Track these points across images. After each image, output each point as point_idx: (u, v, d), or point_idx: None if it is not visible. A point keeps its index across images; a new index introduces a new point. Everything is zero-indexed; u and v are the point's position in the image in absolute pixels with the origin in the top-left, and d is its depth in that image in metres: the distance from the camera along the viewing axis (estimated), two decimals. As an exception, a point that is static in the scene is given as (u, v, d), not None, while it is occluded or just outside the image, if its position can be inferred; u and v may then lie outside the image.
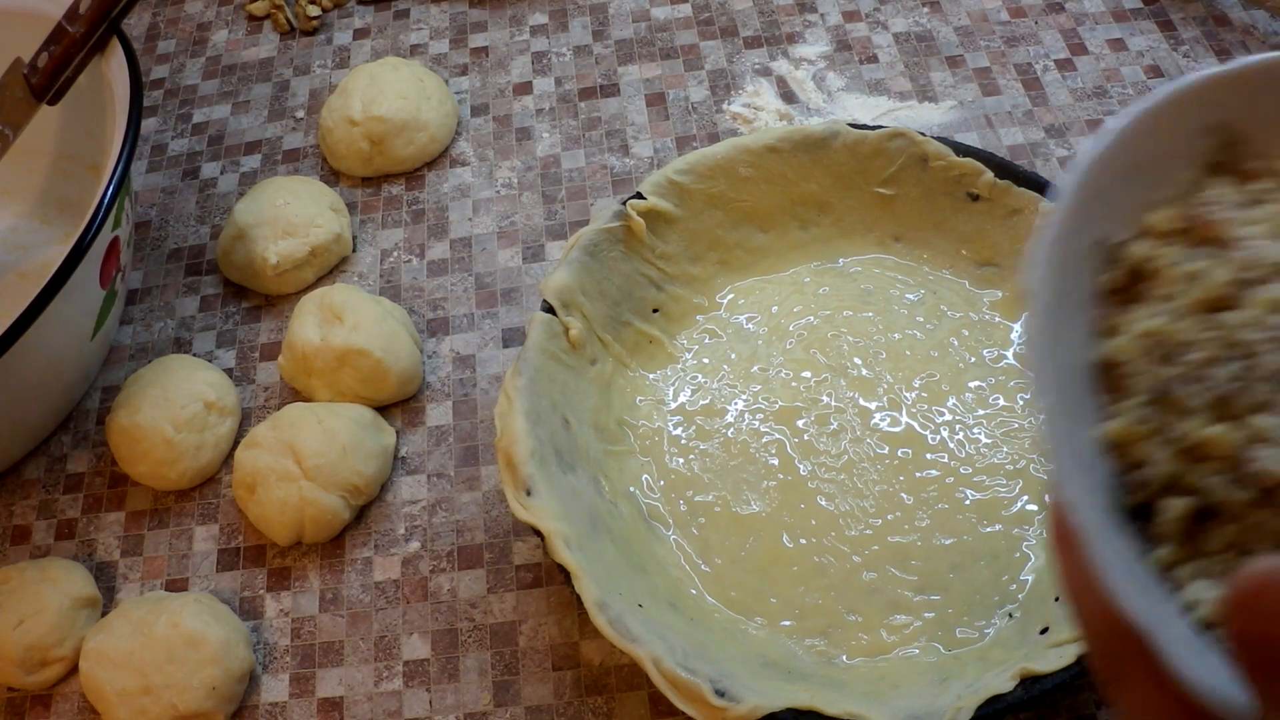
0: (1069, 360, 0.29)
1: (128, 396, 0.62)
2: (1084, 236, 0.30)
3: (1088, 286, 0.30)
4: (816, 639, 0.52)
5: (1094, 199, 0.30)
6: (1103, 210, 0.31)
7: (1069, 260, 0.29)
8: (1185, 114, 0.31)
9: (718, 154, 0.62)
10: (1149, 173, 0.31)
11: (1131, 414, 0.28)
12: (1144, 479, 0.28)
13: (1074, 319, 0.30)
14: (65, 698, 0.57)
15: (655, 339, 0.62)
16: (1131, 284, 0.30)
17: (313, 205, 0.69)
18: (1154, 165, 0.31)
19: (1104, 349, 0.29)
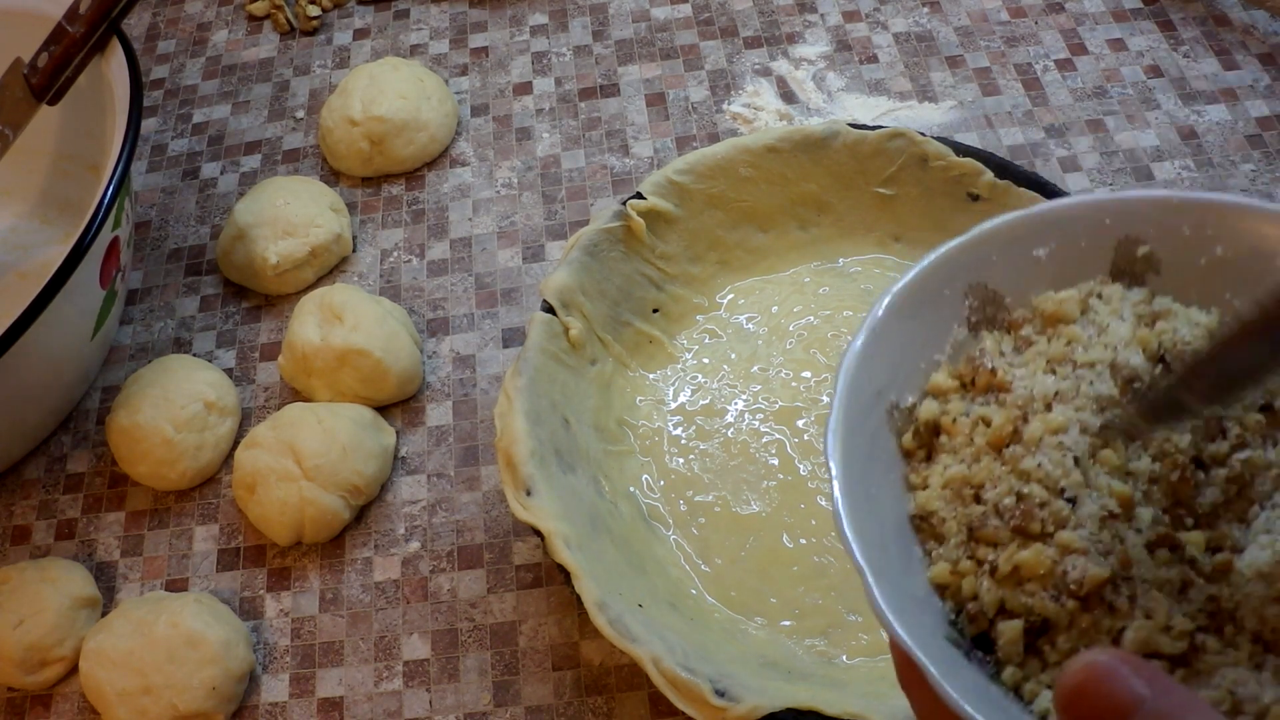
0: (889, 516, 0.33)
1: (128, 396, 0.62)
2: (879, 403, 0.34)
3: (892, 447, 0.34)
4: (816, 639, 0.52)
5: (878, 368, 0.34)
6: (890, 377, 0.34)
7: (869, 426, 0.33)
8: (942, 280, 0.35)
9: (718, 154, 0.62)
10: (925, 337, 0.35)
11: (950, 556, 0.32)
12: (978, 610, 0.31)
13: (885, 478, 0.33)
14: (65, 698, 0.57)
15: (655, 339, 0.62)
16: (931, 439, 0.34)
17: (313, 205, 0.69)
18: (928, 330, 0.35)
19: (913, 503, 0.33)
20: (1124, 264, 0.36)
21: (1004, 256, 0.36)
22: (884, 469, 0.34)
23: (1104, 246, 0.36)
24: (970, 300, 0.36)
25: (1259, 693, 0.28)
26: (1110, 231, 0.36)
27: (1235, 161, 0.68)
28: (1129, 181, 0.68)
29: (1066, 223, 0.36)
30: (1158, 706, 0.23)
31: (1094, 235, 0.36)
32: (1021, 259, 0.36)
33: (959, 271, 0.36)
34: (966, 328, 0.36)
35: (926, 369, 0.36)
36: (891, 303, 0.35)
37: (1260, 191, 0.67)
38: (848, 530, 0.30)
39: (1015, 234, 0.36)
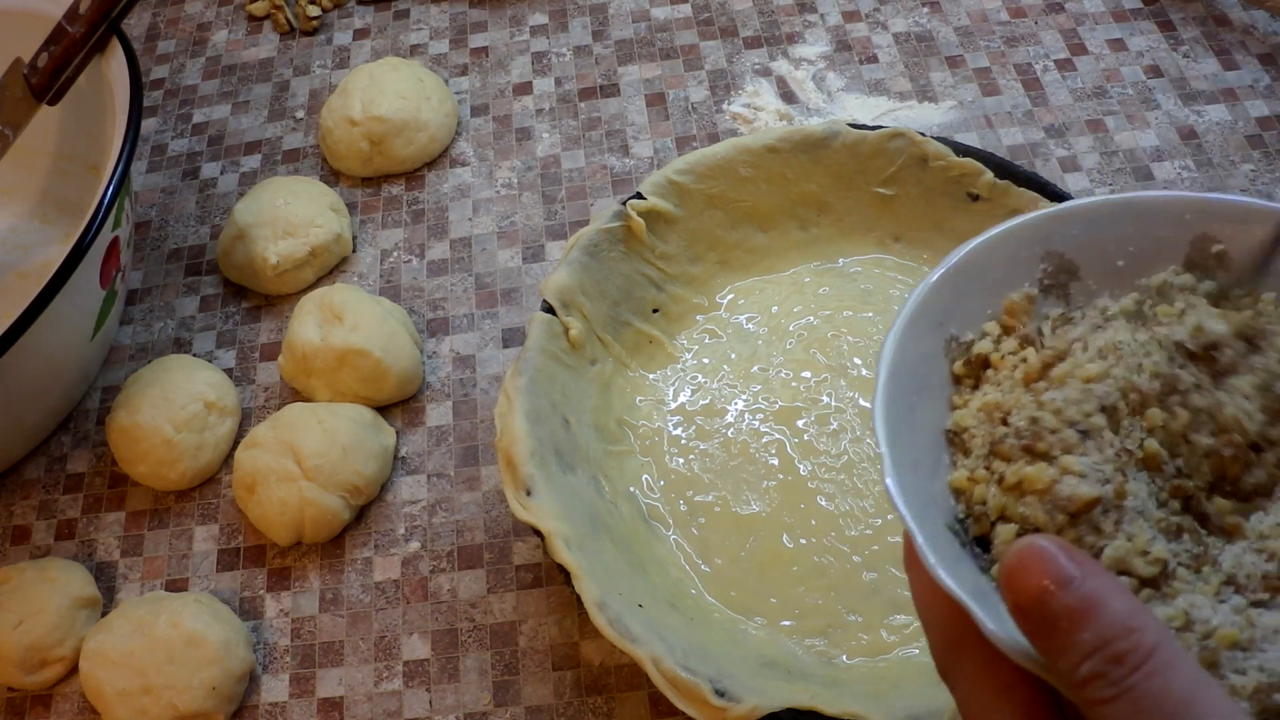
0: (927, 426, 0.37)
1: (128, 396, 0.62)
2: (941, 331, 0.38)
3: (944, 371, 0.38)
4: (816, 639, 0.52)
5: (950, 302, 0.38)
6: (956, 312, 0.38)
7: (926, 347, 0.37)
8: (1027, 241, 0.39)
9: (718, 154, 0.62)
10: (996, 287, 0.39)
11: (970, 465, 0.35)
12: (982, 513, 0.34)
13: (931, 394, 0.37)
14: (65, 698, 0.57)
15: (655, 339, 0.62)
16: (980, 371, 0.38)
17: (313, 205, 0.69)
18: (1000, 281, 0.39)
19: (951, 419, 0.37)
20: (1197, 258, 0.39)
21: (1086, 233, 0.39)
22: (932, 387, 0.37)
23: (1181, 240, 0.39)
24: (1046, 265, 0.39)
25: (1210, 616, 0.30)
26: (1189, 227, 0.39)
27: (1235, 161, 0.68)
28: (1129, 182, 0.68)
29: (1150, 213, 0.39)
30: (1084, 586, 0.26)
31: (1173, 228, 0.39)
32: (1102, 238, 0.39)
33: (1041, 238, 0.39)
34: (1038, 288, 0.39)
35: (992, 314, 0.39)
36: (974, 249, 0.38)
37: (1260, 192, 0.67)
38: (879, 419, 0.34)
39: (1101, 214, 0.39)
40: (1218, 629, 0.30)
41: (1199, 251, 0.39)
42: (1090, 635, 0.26)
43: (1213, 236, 0.39)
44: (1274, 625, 0.30)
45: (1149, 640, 0.26)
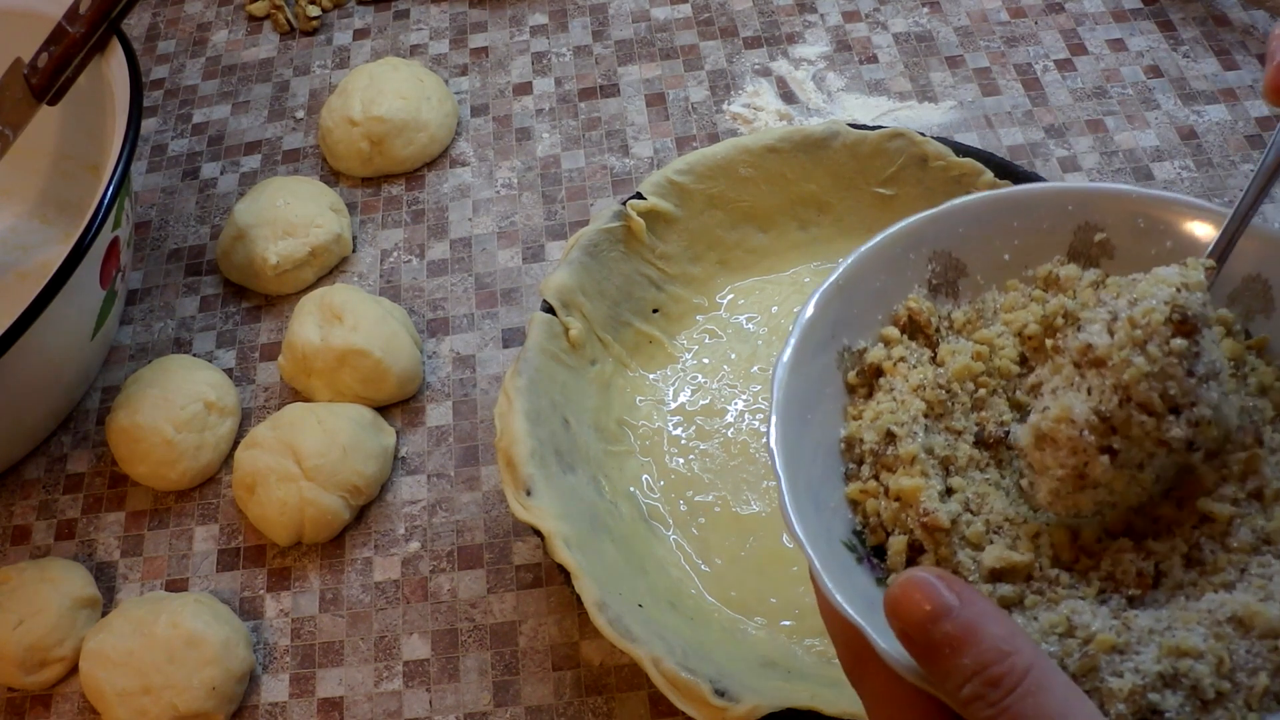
0: (823, 438, 0.37)
1: (128, 397, 0.62)
2: (833, 344, 0.39)
3: (838, 382, 0.39)
4: (816, 639, 0.52)
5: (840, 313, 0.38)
6: (847, 323, 0.39)
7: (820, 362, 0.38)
8: (913, 243, 0.40)
9: (718, 154, 0.62)
10: (886, 292, 0.40)
11: (863, 476, 0.37)
12: (877, 524, 0.36)
13: (826, 407, 0.38)
14: (65, 698, 0.57)
15: (655, 339, 0.62)
16: (873, 379, 0.39)
17: (313, 205, 0.69)
18: (889, 286, 0.40)
19: (845, 430, 0.38)
20: (1081, 247, 0.40)
21: (970, 230, 0.40)
22: (827, 400, 0.38)
23: (1064, 230, 0.40)
24: (934, 265, 0.40)
25: (1090, 621, 0.31)
26: (1071, 217, 0.40)
27: (1235, 161, 0.68)
28: (1129, 182, 0.68)
29: (1032, 205, 0.40)
30: (962, 614, 0.28)
31: (1056, 219, 0.40)
32: (986, 234, 0.40)
33: (927, 238, 0.40)
34: (927, 289, 0.40)
35: (882, 320, 0.40)
36: (859, 259, 0.39)
37: (1260, 191, 0.67)
38: (774, 440, 0.35)
39: (983, 210, 0.40)
40: (1096, 635, 0.31)
41: (1082, 241, 0.40)
42: (969, 660, 0.28)
43: (1095, 225, 0.39)
44: (1148, 626, 0.31)
45: (1023, 663, 0.28)
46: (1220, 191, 0.67)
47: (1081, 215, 0.40)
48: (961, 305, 0.40)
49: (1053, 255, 0.40)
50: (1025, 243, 0.40)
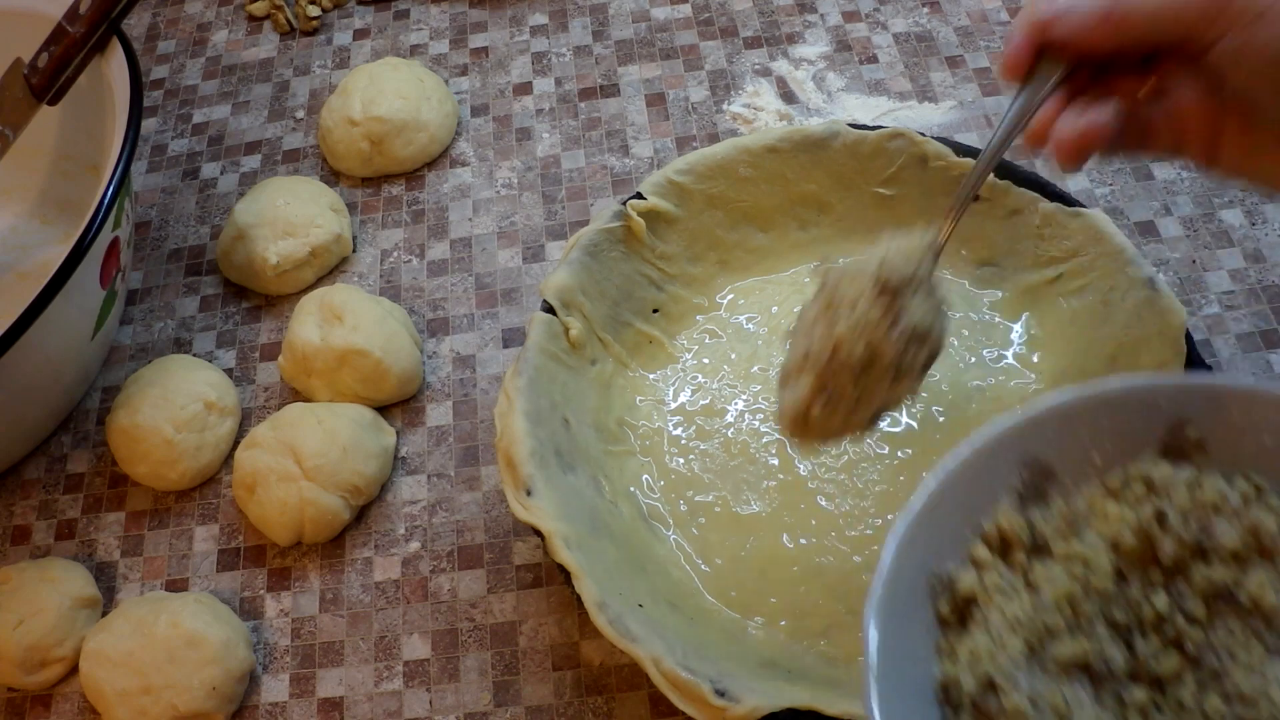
0: (919, 679, 0.36)
1: (128, 396, 0.62)
2: (923, 572, 0.37)
3: (929, 614, 0.37)
4: (816, 639, 0.52)
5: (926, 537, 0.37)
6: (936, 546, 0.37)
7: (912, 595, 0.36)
8: (1002, 453, 0.38)
9: (718, 154, 0.62)
10: (974, 506, 0.38)
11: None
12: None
13: (920, 643, 0.36)
14: (65, 698, 0.57)
15: (655, 339, 0.62)
16: (967, 607, 0.37)
17: (313, 205, 0.69)
18: (977, 500, 0.38)
19: (939, 670, 0.36)
20: (1173, 444, 0.39)
21: (1060, 432, 0.39)
22: (920, 635, 0.37)
23: (1156, 426, 0.39)
24: (1023, 473, 0.39)
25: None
26: (1163, 414, 0.39)
27: (1235, 161, 0.68)
28: (1128, 182, 0.68)
29: (1123, 403, 0.39)
30: None
31: (1148, 416, 0.39)
32: (1076, 435, 0.39)
33: (1015, 445, 0.39)
34: (1015, 499, 0.39)
35: (972, 537, 0.38)
36: (948, 476, 0.38)
37: (1260, 191, 0.67)
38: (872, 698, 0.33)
39: (1074, 410, 0.39)
40: None
41: (1174, 437, 0.39)
42: None
43: (1188, 420, 0.38)
44: None
45: None
46: (1220, 191, 0.67)
47: (1174, 412, 0.38)
48: (1052, 512, 0.39)
49: (1144, 453, 0.39)
50: (1115, 442, 0.39)
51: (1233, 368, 0.60)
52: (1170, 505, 0.38)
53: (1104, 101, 0.42)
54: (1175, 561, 0.37)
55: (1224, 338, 0.61)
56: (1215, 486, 0.37)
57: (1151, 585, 0.37)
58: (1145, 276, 0.54)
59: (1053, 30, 0.42)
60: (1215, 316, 0.62)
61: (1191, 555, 0.37)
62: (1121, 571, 0.37)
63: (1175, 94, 0.42)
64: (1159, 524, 0.37)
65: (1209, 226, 0.66)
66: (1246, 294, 0.63)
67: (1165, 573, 0.37)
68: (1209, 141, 0.42)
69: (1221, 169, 0.43)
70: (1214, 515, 0.37)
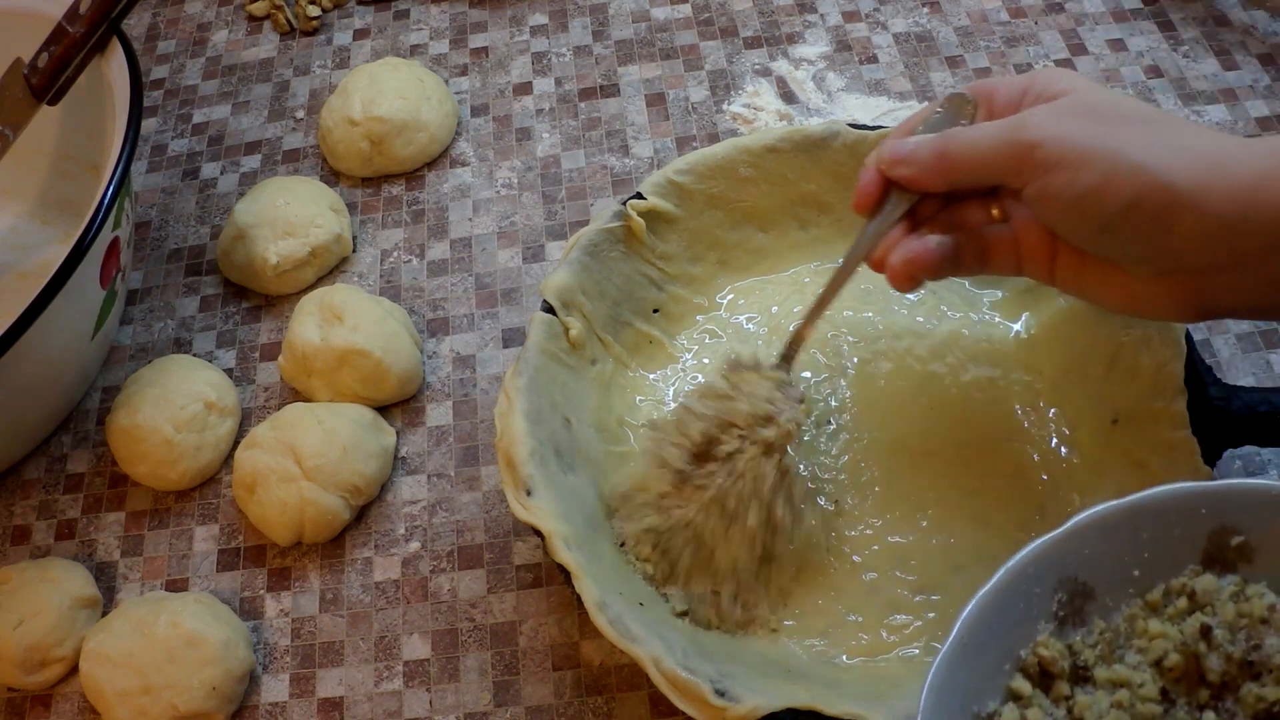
0: None
1: (128, 396, 0.62)
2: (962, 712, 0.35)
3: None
4: (816, 639, 0.52)
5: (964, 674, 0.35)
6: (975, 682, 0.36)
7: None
8: (1038, 575, 0.37)
9: (718, 154, 0.62)
10: (1012, 635, 0.36)
11: None
12: None
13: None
14: (65, 698, 0.57)
15: (655, 339, 0.62)
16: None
17: (313, 205, 0.69)
18: (1015, 627, 0.36)
19: None
20: (1216, 553, 0.37)
21: (1097, 549, 0.37)
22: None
23: (1197, 535, 0.37)
24: (1060, 595, 0.37)
25: None
26: (1205, 521, 0.37)
27: (1235, 162, 0.68)
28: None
29: (1162, 513, 0.37)
30: None
31: (1188, 525, 0.37)
32: (1114, 550, 0.37)
33: (1051, 565, 0.37)
34: (1054, 622, 0.37)
35: (1010, 669, 0.37)
36: (978, 606, 0.36)
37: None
38: None
39: (1110, 523, 0.37)
40: None
41: (1217, 546, 0.37)
42: None
43: (1231, 528, 0.37)
44: None
45: None
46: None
47: (1216, 519, 0.37)
48: (1092, 634, 0.37)
49: (1186, 565, 0.37)
50: (1155, 554, 0.37)
51: (1232, 368, 0.60)
52: (1215, 619, 0.36)
53: (934, 231, 0.48)
54: (1223, 679, 0.35)
55: (1224, 337, 0.61)
56: (1263, 597, 0.36)
57: (1200, 706, 0.36)
58: (1145, 276, 0.54)
59: (895, 171, 0.48)
60: (1215, 316, 0.62)
61: (1240, 672, 0.35)
62: (1167, 692, 0.36)
63: (1014, 221, 0.47)
64: (1205, 640, 0.36)
65: (1209, 226, 0.66)
66: (1246, 294, 0.63)
67: (1214, 692, 0.36)
68: (1047, 261, 0.46)
69: (1059, 286, 0.47)
70: (1264, 629, 0.35)
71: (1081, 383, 0.56)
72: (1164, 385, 0.51)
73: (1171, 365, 0.51)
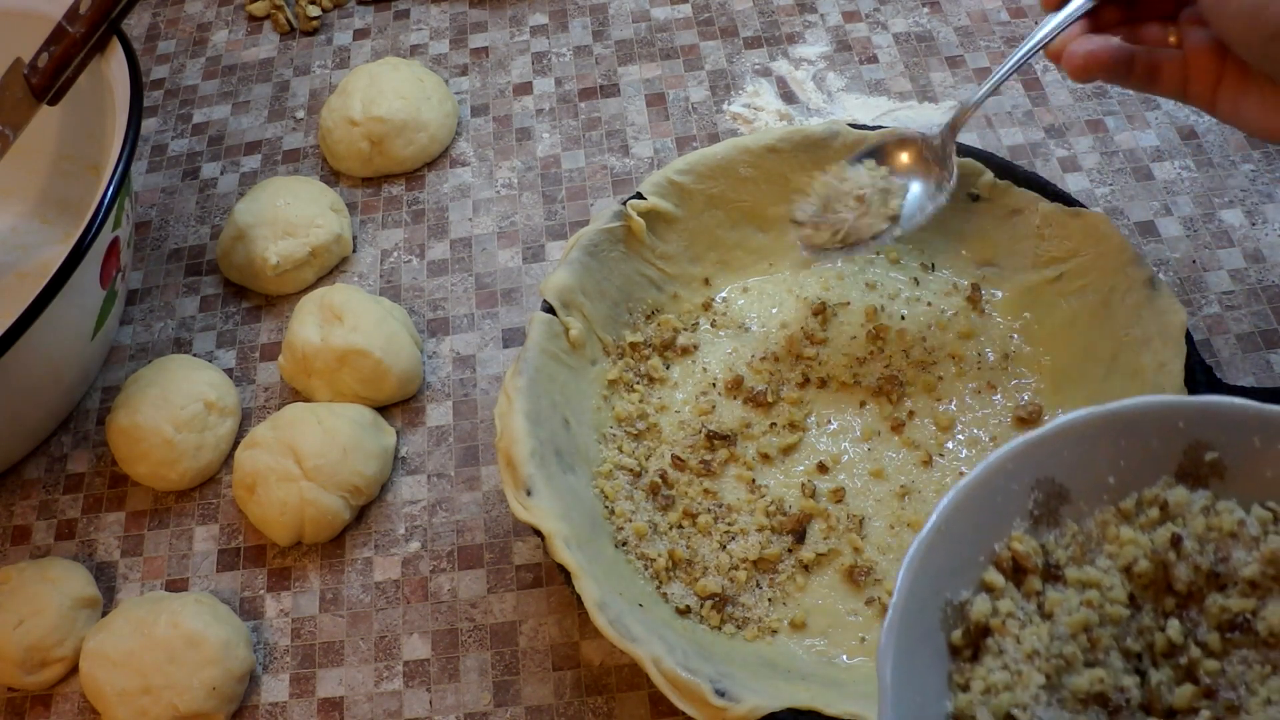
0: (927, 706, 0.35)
1: (128, 396, 0.62)
2: (936, 599, 0.36)
3: (942, 643, 0.36)
4: (816, 639, 0.52)
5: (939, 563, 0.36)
6: (949, 571, 0.36)
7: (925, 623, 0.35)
8: (1016, 473, 0.37)
9: (718, 154, 0.62)
10: (987, 529, 0.37)
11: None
12: None
13: (933, 674, 0.36)
14: (65, 698, 0.57)
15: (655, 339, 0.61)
16: (980, 637, 0.36)
17: (313, 205, 0.69)
18: (990, 522, 0.37)
19: (953, 704, 0.35)
20: (1190, 467, 0.38)
21: (1074, 452, 0.38)
22: (932, 665, 0.36)
23: (1173, 448, 0.38)
24: (1036, 494, 0.38)
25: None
26: (1181, 435, 0.38)
27: (1235, 162, 0.68)
28: (1129, 182, 0.68)
29: (1140, 423, 0.38)
30: None
31: (1165, 438, 0.38)
32: (1091, 456, 0.38)
33: (1029, 465, 0.37)
34: (1029, 520, 0.38)
35: (984, 561, 0.37)
36: (957, 497, 0.37)
37: (1259, 192, 0.67)
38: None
39: (1089, 429, 0.38)
40: None
41: (1191, 460, 0.38)
42: None
43: (1206, 444, 0.37)
44: None
45: None
46: (1220, 191, 0.67)
47: (1192, 434, 0.37)
48: (1065, 536, 0.38)
49: (1159, 476, 0.38)
50: (1131, 464, 0.38)
51: (1232, 368, 0.60)
52: (1186, 530, 0.37)
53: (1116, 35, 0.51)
54: (1190, 589, 0.36)
55: (1224, 338, 0.61)
56: (1233, 513, 0.36)
57: (1165, 614, 0.36)
58: (1145, 276, 0.54)
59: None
60: (1215, 316, 0.62)
61: (1207, 583, 0.36)
62: (1134, 598, 0.37)
63: (1187, 45, 0.50)
64: (1175, 549, 0.36)
65: (1209, 226, 0.66)
66: (1246, 294, 0.63)
67: (1179, 601, 0.36)
68: (1212, 84, 0.49)
69: (1218, 113, 0.50)
70: (1231, 542, 0.36)
71: (1081, 382, 0.56)
72: (1164, 385, 0.51)
73: (1171, 365, 0.52)
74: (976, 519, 0.37)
